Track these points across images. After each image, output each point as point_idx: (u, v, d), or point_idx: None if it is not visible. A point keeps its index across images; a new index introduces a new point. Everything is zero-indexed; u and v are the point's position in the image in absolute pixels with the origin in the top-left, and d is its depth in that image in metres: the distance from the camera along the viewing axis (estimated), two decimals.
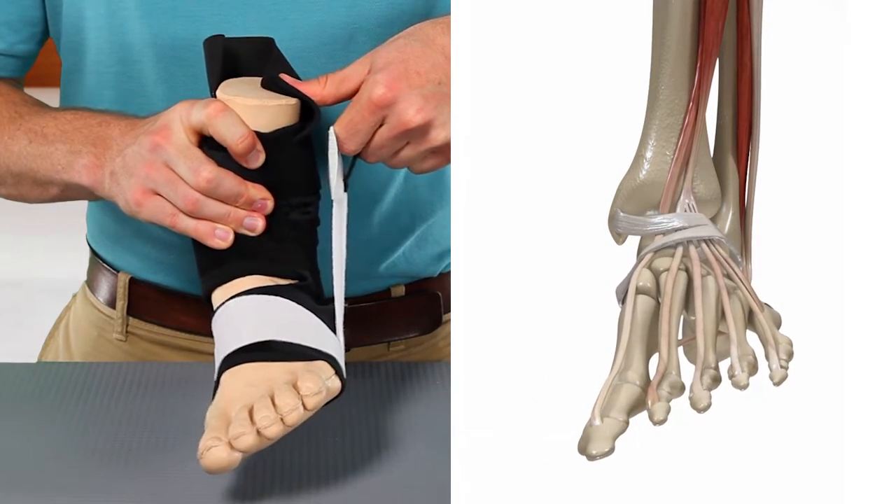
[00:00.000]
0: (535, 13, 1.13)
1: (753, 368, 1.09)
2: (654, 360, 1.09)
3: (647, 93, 1.12)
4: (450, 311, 1.34)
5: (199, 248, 1.10)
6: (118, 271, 1.32)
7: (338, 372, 1.05)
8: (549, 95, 1.14)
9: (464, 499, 1.01)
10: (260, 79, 1.11)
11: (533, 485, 1.03)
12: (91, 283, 1.36)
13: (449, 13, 1.11)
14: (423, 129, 1.08)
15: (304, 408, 1.02)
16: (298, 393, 1.02)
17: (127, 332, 1.32)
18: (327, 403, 1.04)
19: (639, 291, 1.10)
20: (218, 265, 1.10)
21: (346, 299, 1.21)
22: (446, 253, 1.34)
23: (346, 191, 1.10)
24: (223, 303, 1.09)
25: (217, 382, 1.05)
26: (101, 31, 1.20)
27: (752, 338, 1.12)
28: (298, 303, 1.08)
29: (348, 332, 1.28)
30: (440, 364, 1.27)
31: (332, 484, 1.06)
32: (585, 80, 1.14)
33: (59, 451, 1.10)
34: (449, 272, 1.34)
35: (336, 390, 1.05)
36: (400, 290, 1.32)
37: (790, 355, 1.10)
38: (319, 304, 1.10)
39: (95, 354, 1.34)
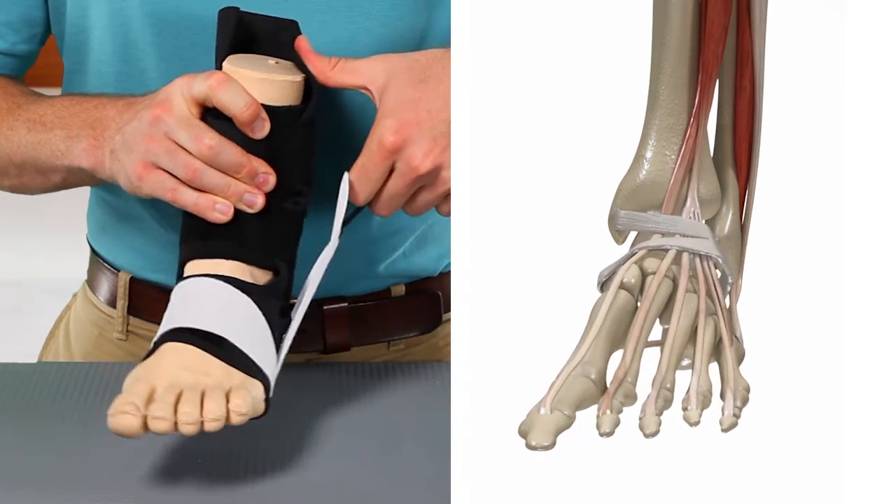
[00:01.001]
0: (535, 12, 1.13)
1: (707, 402, 1.09)
2: (617, 355, 1.09)
3: (647, 93, 1.12)
4: (450, 310, 1.34)
5: (187, 215, 1.09)
6: (118, 270, 1.32)
7: (267, 397, 1.05)
8: (550, 94, 1.14)
9: (464, 499, 1.01)
10: (267, 57, 1.10)
11: (533, 485, 1.03)
12: (91, 282, 1.36)
13: (449, 11, 1.11)
14: (433, 174, 1.07)
15: (227, 421, 1.02)
16: (227, 404, 1.02)
17: (127, 331, 1.32)
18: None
19: (622, 286, 1.10)
20: (201, 238, 1.09)
21: (346, 298, 1.21)
22: (446, 253, 1.34)
23: (341, 236, 1.10)
24: (197, 275, 1.08)
25: (156, 345, 1.05)
26: (105, 30, 1.20)
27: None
28: (264, 312, 1.07)
29: (348, 332, 1.28)
30: (440, 364, 1.27)
31: (332, 483, 1.06)
32: (585, 81, 1.14)
33: (60, 451, 1.10)
34: (449, 272, 1.34)
35: (259, 412, 1.05)
36: (400, 290, 1.32)
37: (745, 402, 1.10)
38: (285, 304, 1.09)
39: (96, 354, 1.34)
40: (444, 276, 1.34)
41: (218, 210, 1.07)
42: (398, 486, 1.06)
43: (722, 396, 1.09)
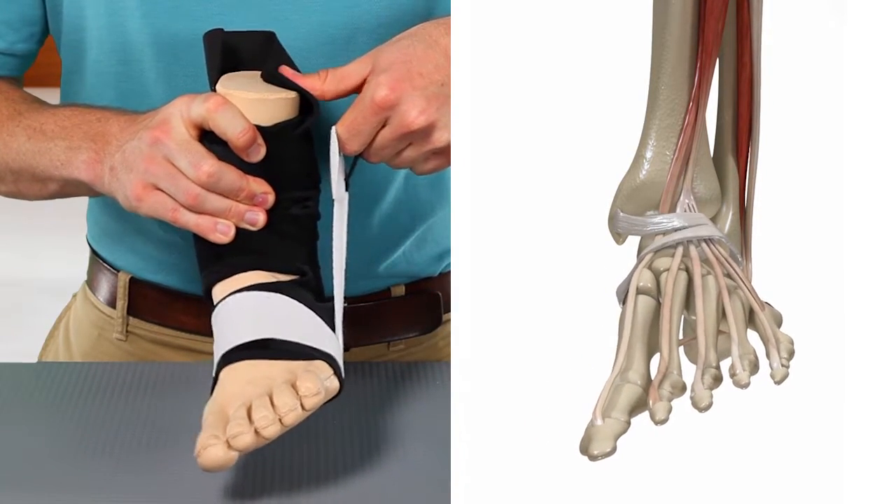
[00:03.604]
0: (535, 12, 1.13)
1: (754, 367, 1.09)
2: (656, 359, 1.09)
3: (647, 93, 1.12)
4: (450, 311, 1.34)
5: (199, 242, 1.10)
6: (118, 271, 1.32)
7: (336, 372, 1.05)
8: (549, 95, 1.14)
9: (464, 499, 1.01)
10: (259, 73, 1.11)
11: (533, 485, 1.03)
12: (91, 282, 1.36)
13: (450, 13, 1.11)
14: (425, 132, 1.08)
15: (303, 408, 1.02)
16: (297, 393, 1.02)
17: (127, 331, 1.32)
18: (326, 403, 1.04)
19: (639, 292, 1.10)
20: (218, 260, 1.10)
21: (346, 299, 1.21)
22: (446, 253, 1.34)
23: (347, 190, 1.10)
24: (223, 298, 1.09)
25: (215, 379, 1.05)
26: (102, 30, 1.21)
27: (752, 337, 1.12)
28: (298, 300, 1.08)
29: (348, 332, 1.28)
30: (440, 364, 1.27)
31: (332, 484, 1.06)
32: (585, 80, 1.14)
33: (59, 451, 1.10)
34: (449, 272, 1.34)
35: (334, 390, 1.05)
36: (400, 290, 1.32)
37: (791, 354, 1.10)
38: (319, 300, 1.10)
39: (95, 354, 1.34)
40: (444, 276, 1.34)
41: (219, 231, 1.08)
42: (398, 485, 1.06)
43: (767, 356, 1.10)
